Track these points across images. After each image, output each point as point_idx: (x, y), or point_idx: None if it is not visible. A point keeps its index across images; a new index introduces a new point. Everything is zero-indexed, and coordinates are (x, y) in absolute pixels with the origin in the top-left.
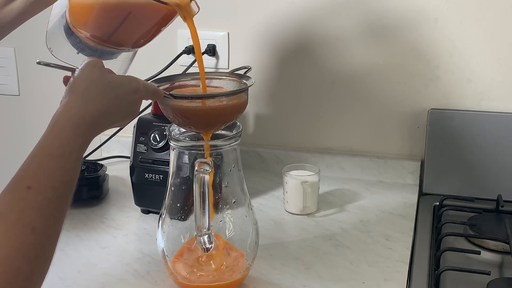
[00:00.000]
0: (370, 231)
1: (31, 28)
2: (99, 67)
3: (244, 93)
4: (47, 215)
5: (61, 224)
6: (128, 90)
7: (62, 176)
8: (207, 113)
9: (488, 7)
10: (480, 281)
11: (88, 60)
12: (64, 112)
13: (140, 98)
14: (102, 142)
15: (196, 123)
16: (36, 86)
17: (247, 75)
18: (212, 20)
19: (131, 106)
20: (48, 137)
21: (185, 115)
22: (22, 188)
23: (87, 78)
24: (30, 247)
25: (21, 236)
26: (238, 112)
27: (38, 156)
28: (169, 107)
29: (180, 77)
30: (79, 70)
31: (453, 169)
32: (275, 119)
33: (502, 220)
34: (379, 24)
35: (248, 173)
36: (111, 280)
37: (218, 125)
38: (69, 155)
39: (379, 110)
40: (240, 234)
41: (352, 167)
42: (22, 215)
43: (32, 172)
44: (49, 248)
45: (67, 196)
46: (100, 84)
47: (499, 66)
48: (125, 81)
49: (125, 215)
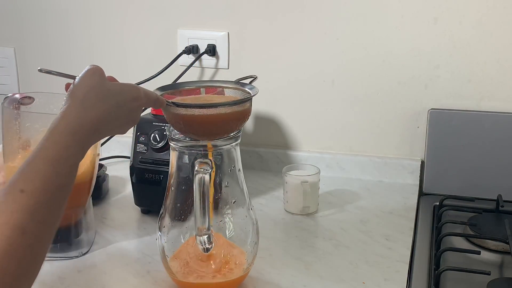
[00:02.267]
0: (370, 231)
1: (31, 28)
2: (99, 74)
3: (247, 103)
4: (39, 219)
5: (53, 228)
6: (128, 97)
7: (57, 181)
8: (210, 122)
9: (488, 7)
10: (480, 281)
11: (89, 67)
12: (63, 119)
13: (141, 106)
14: (102, 142)
15: (198, 132)
16: (36, 86)
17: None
18: (212, 20)
19: (131, 113)
20: (45, 143)
21: (187, 124)
22: (16, 191)
23: (87, 86)
24: (19, 249)
25: (11, 238)
26: (241, 122)
27: (34, 160)
28: (171, 114)
29: (184, 85)
30: (80, 77)
31: (453, 169)
32: (275, 119)
33: (502, 220)
34: (379, 24)
35: (248, 173)
36: (111, 280)
37: (221, 134)
38: (65, 160)
39: (379, 110)
40: (240, 234)
41: (352, 167)
42: (14, 217)
43: (26, 176)
44: (39, 251)
45: (60, 201)
46: (99, 91)
47: (499, 66)
48: (125, 88)
49: (125, 215)
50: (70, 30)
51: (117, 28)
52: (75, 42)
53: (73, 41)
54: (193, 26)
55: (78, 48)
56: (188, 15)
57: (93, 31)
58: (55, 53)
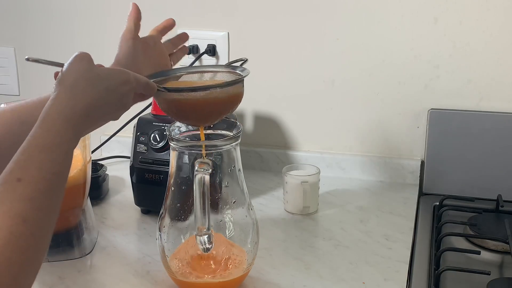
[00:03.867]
0: (370, 231)
1: (31, 28)
2: (88, 60)
3: (239, 84)
4: (39, 206)
5: (53, 215)
6: (117, 82)
7: (53, 168)
8: (202, 105)
9: (488, 7)
10: (480, 281)
11: (76, 53)
12: (54, 106)
13: (131, 90)
14: (102, 142)
15: (192, 116)
16: (36, 86)
17: (243, 66)
18: (212, 20)
19: (122, 98)
20: (38, 131)
21: (180, 108)
22: (13, 180)
23: (75, 71)
24: (21, 237)
25: (12, 227)
26: (233, 104)
27: (29, 149)
28: (163, 100)
29: (174, 72)
30: (68, 64)
31: (453, 169)
32: (275, 119)
33: (502, 220)
34: (379, 24)
35: (248, 173)
36: (111, 280)
37: (214, 117)
38: (59, 146)
39: (379, 110)
40: (240, 234)
41: (352, 167)
42: (13, 206)
43: (22, 165)
44: (41, 239)
45: (58, 188)
46: (88, 76)
47: (499, 66)
48: (114, 73)
49: (125, 215)
50: (70, 30)
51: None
52: (75, 42)
53: (73, 41)
54: (193, 26)
55: (78, 48)
56: (188, 15)
57: (93, 31)
58: (55, 53)
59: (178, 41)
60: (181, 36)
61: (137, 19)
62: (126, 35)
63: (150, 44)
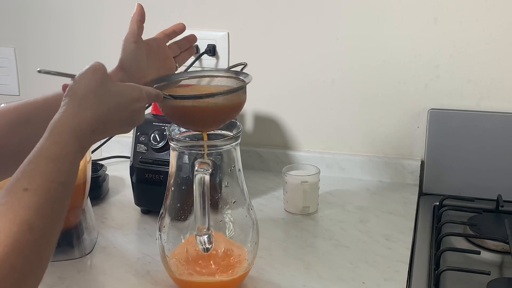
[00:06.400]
0: (370, 231)
1: (31, 28)
2: (102, 73)
3: (242, 91)
4: (44, 215)
5: (58, 224)
6: (128, 99)
7: (59, 178)
8: (206, 112)
9: (488, 7)
10: (480, 281)
11: (92, 64)
12: (62, 119)
13: (143, 107)
14: (102, 142)
15: (195, 122)
16: (36, 86)
17: (244, 71)
18: (212, 20)
19: (134, 114)
20: (45, 143)
21: (184, 115)
22: (19, 189)
23: (85, 86)
24: (26, 244)
25: (18, 234)
26: (237, 110)
27: (35, 159)
28: (167, 106)
29: (177, 76)
30: (80, 74)
31: (453, 169)
32: (275, 119)
33: (502, 220)
34: (379, 24)
35: (248, 173)
36: (111, 280)
37: (218, 124)
38: (66, 157)
39: (379, 110)
40: (240, 234)
41: (352, 167)
42: (19, 214)
43: (29, 174)
44: (46, 247)
45: (64, 197)
46: (98, 92)
47: (499, 66)
48: (126, 89)
49: (125, 215)
50: (70, 30)
51: (118, 29)
52: (75, 42)
53: (73, 41)
54: (193, 26)
55: (79, 48)
56: (188, 15)
57: (93, 31)
58: (55, 53)
59: (185, 43)
60: (189, 38)
61: (141, 21)
62: (129, 38)
63: (154, 47)
